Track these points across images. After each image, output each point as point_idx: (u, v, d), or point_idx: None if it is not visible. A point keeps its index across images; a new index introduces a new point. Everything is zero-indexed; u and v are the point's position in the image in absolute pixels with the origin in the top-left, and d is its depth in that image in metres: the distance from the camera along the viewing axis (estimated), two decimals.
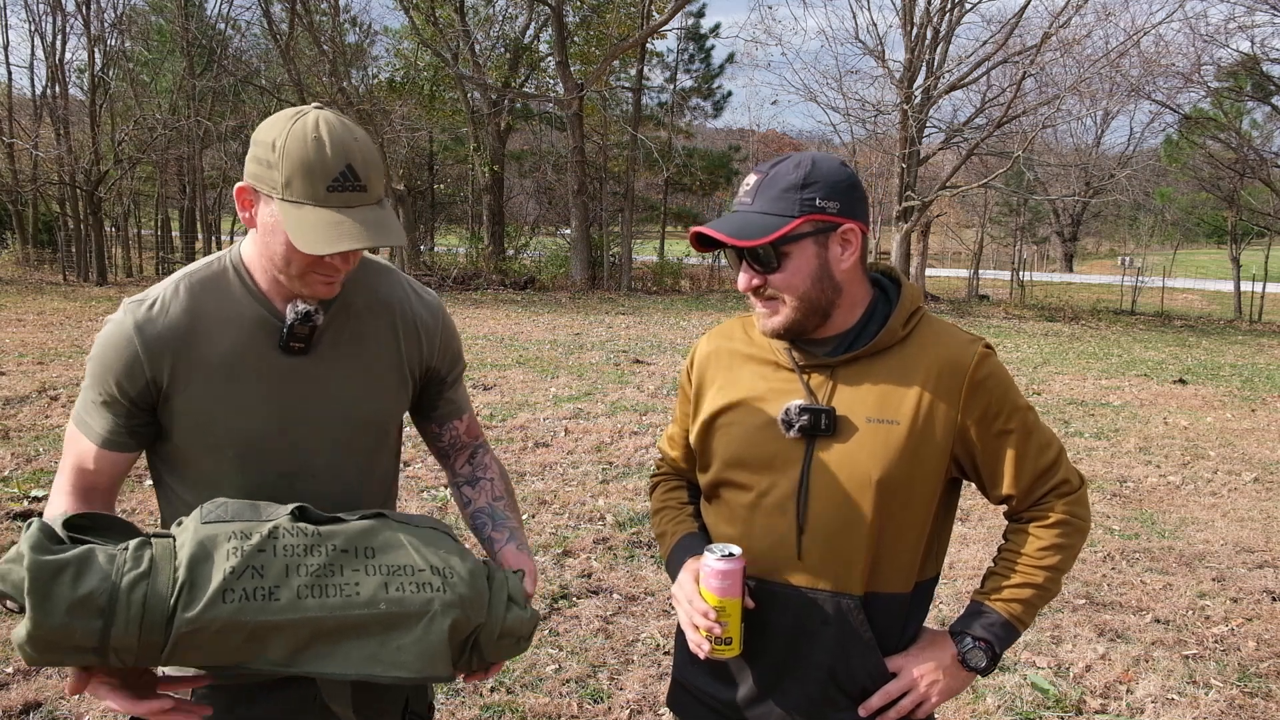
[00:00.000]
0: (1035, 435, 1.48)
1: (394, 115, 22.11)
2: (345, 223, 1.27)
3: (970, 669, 1.46)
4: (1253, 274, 25.08)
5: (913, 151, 20.07)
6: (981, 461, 1.47)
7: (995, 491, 1.49)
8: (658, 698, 3.27)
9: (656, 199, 29.81)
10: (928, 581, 1.53)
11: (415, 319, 1.53)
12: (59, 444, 6.20)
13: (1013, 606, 1.47)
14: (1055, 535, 1.47)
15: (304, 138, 1.27)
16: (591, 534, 4.93)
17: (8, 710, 3.04)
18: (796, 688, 1.49)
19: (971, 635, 1.46)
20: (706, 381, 1.59)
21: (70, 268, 22.38)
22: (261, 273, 1.41)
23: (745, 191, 1.44)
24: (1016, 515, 1.52)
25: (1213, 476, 6.70)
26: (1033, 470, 1.47)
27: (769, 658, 1.50)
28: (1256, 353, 15.28)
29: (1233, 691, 3.48)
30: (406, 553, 1.26)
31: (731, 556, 1.41)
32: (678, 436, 1.70)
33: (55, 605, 1.08)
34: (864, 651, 1.47)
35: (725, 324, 1.66)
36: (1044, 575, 1.47)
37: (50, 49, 22.94)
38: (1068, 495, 1.49)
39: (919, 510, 1.46)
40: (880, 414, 1.43)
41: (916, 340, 1.47)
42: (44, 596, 1.08)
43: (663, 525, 1.67)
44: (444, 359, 1.59)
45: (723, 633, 1.42)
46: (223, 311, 1.40)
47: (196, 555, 1.17)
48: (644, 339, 13.31)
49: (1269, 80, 23.10)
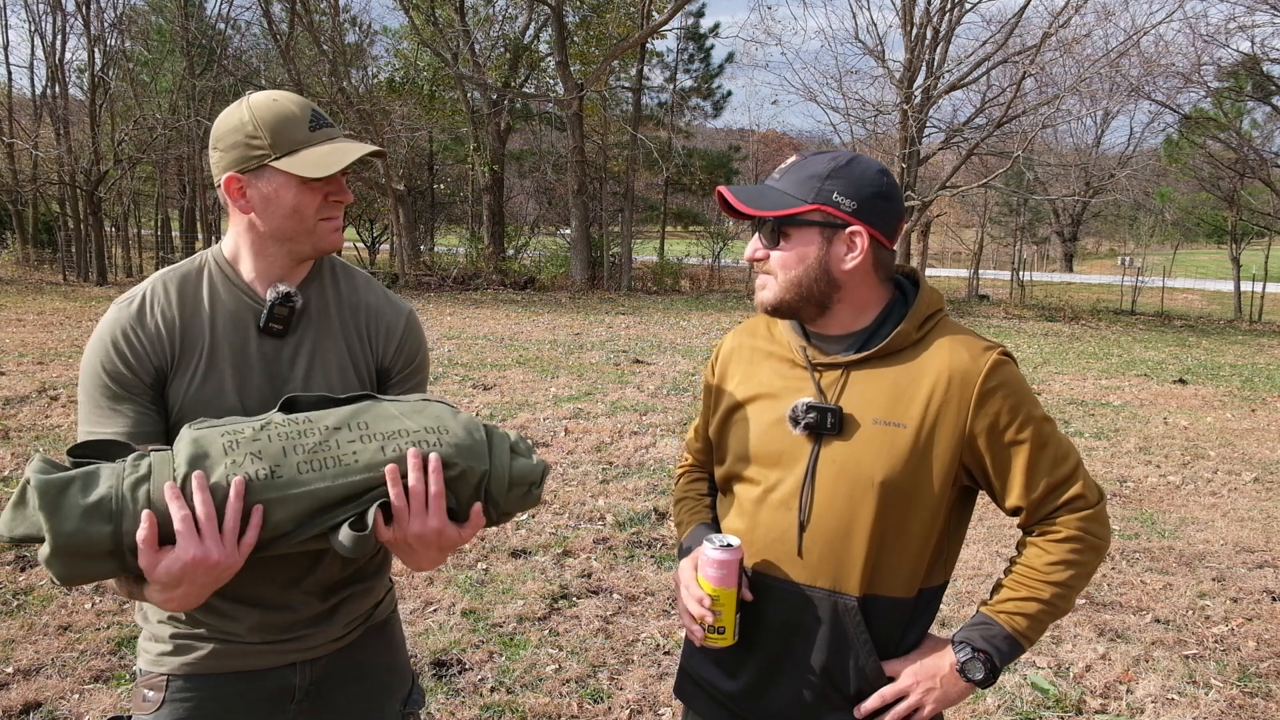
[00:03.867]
0: (1050, 447, 1.43)
1: (394, 115, 22.12)
2: (338, 145, 1.41)
3: (968, 680, 1.44)
4: (1253, 274, 25.08)
5: (913, 151, 20.06)
6: (991, 471, 1.44)
7: (1004, 503, 1.46)
8: (658, 698, 3.27)
9: (656, 199, 29.81)
10: (934, 589, 1.51)
11: (379, 319, 1.57)
12: (59, 444, 6.20)
13: (1016, 620, 1.44)
14: (1066, 551, 1.43)
15: (266, 105, 1.41)
16: (591, 534, 4.93)
17: (8, 710, 3.04)
18: (790, 684, 1.50)
19: (972, 646, 1.44)
20: (728, 376, 1.61)
21: (70, 268, 22.38)
22: (248, 261, 1.47)
23: (780, 169, 1.49)
24: (1027, 528, 1.49)
25: (1213, 476, 6.70)
26: (1045, 483, 1.43)
27: (765, 651, 1.51)
28: (1256, 353, 15.28)
29: (1233, 691, 3.48)
30: (400, 420, 1.28)
31: (729, 547, 1.42)
32: (701, 429, 1.73)
33: (68, 514, 1.12)
34: (859, 653, 1.46)
35: (750, 320, 1.67)
36: (1051, 591, 1.43)
37: (50, 49, 22.94)
38: (1082, 511, 1.44)
39: (924, 515, 1.44)
40: (888, 416, 1.43)
41: (931, 344, 1.45)
42: (56, 508, 1.12)
43: (680, 515, 1.71)
44: (397, 358, 1.58)
45: (715, 621, 1.44)
46: (208, 301, 1.45)
47: (194, 454, 1.19)
48: (644, 339, 13.31)
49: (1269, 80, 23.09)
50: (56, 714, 3.05)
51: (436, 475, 1.23)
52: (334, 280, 1.56)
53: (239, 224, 1.45)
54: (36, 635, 3.58)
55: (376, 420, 1.27)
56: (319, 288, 1.53)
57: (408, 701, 1.64)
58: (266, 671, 1.47)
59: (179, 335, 1.42)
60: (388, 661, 1.62)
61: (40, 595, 3.93)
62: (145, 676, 1.46)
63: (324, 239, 1.46)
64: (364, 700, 1.57)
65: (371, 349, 1.55)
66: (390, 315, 1.58)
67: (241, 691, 1.46)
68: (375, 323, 1.56)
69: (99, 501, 1.13)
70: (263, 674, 1.47)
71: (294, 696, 1.50)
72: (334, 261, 1.60)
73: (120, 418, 1.38)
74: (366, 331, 1.55)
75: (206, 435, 1.22)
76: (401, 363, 1.59)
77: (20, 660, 3.36)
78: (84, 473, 1.16)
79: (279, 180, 1.40)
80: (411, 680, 1.67)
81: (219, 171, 1.42)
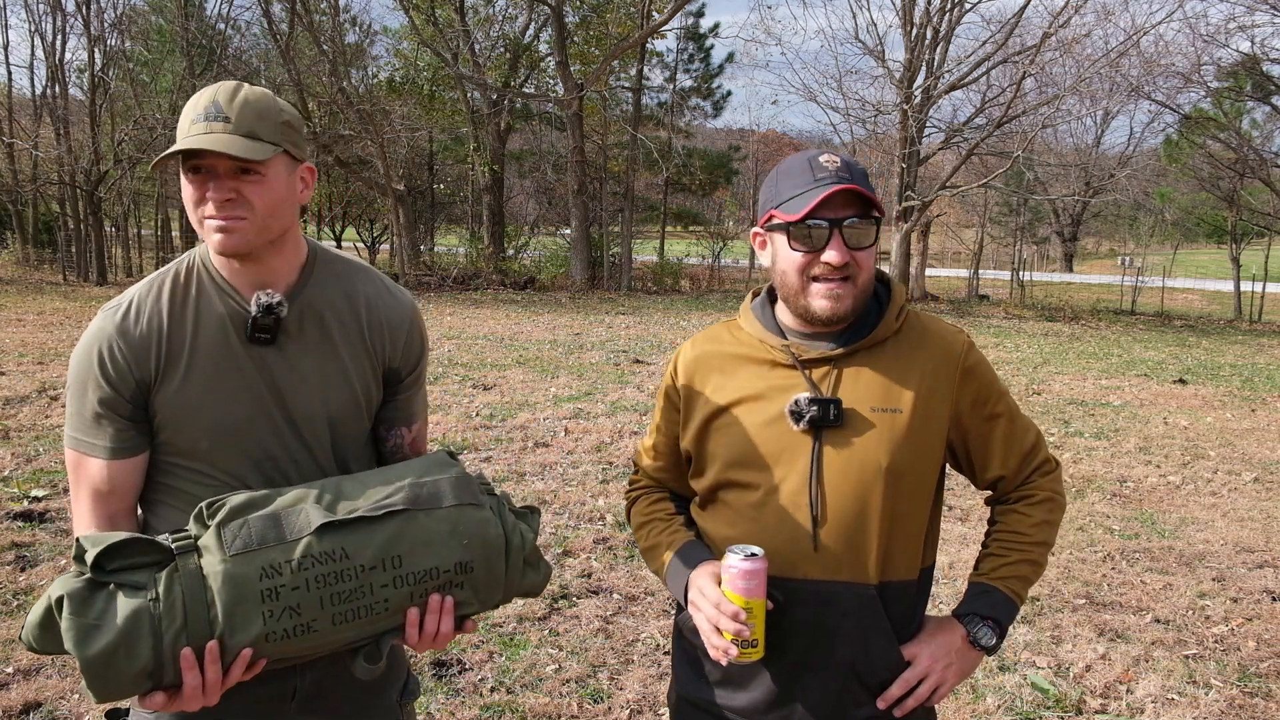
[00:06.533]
0: (1019, 418, 1.56)
1: (394, 115, 22.10)
2: (203, 137, 1.33)
3: (980, 648, 1.49)
4: (1253, 274, 25.07)
5: (913, 151, 20.06)
6: (973, 445, 1.54)
7: (986, 474, 1.55)
8: (658, 698, 3.27)
9: (656, 199, 29.80)
10: (929, 568, 1.57)
11: (383, 315, 1.54)
12: (59, 444, 6.19)
13: (1012, 584, 1.52)
14: (1045, 512, 1.54)
15: (192, 99, 1.39)
16: (591, 534, 4.93)
17: (8, 710, 3.04)
18: (818, 685, 1.48)
19: (979, 615, 1.49)
20: (696, 387, 1.58)
21: (70, 268, 22.38)
22: (225, 262, 1.45)
23: (831, 167, 1.44)
24: (1005, 496, 1.58)
25: (1213, 476, 6.70)
26: (1020, 451, 1.55)
27: (790, 656, 1.48)
28: (1256, 353, 15.28)
29: (1233, 691, 3.48)
30: (434, 553, 1.31)
31: (755, 556, 1.38)
32: (660, 446, 1.67)
33: (115, 683, 1.19)
34: (883, 642, 1.47)
35: (708, 330, 1.65)
36: (1038, 552, 1.53)
37: (50, 49, 22.95)
38: (1050, 474, 1.57)
39: (922, 496, 1.50)
40: (884, 403, 1.47)
41: (909, 333, 1.53)
42: (104, 681, 1.18)
43: (655, 538, 1.62)
44: (405, 360, 1.57)
45: (750, 634, 1.39)
46: (195, 307, 1.43)
47: (231, 599, 1.21)
48: (644, 339, 13.31)
49: (1269, 80, 23.08)
50: (56, 714, 3.05)
51: (449, 617, 1.33)
52: (329, 278, 1.52)
53: None
54: None
55: (412, 553, 1.30)
56: (314, 290, 1.49)
57: (404, 692, 1.65)
58: (269, 675, 1.47)
59: (165, 343, 1.40)
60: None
61: (40, 595, 3.92)
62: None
63: (209, 236, 1.38)
64: (362, 694, 1.58)
65: (377, 350, 1.53)
66: (394, 313, 1.55)
67: (244, 694, 1.46)
68: (377, 322, 1.53)
69: (142, 668, 1.19)
70: (265, 675, 1.46)
71: (294, 695, 1.50)
72: (325, 254, 1.55)
73: (106, 430, 1.39)
74: (369, 332, 1.52)
75: (244, 575, 1.22)
76: (410, 364, 1.58)
77: (20, 660, 3.36)
78: (123, 632, 1.17)
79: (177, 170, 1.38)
80: (406, 671, 1.68)
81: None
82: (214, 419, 1.40)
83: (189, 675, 1.21)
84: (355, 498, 1.32)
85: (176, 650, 1.20)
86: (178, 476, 1.44)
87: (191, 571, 1.22)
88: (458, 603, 1.34)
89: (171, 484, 1.44)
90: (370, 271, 1.59)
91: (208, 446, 1.41)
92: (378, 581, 1.27)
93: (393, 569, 1.29)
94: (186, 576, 1.21)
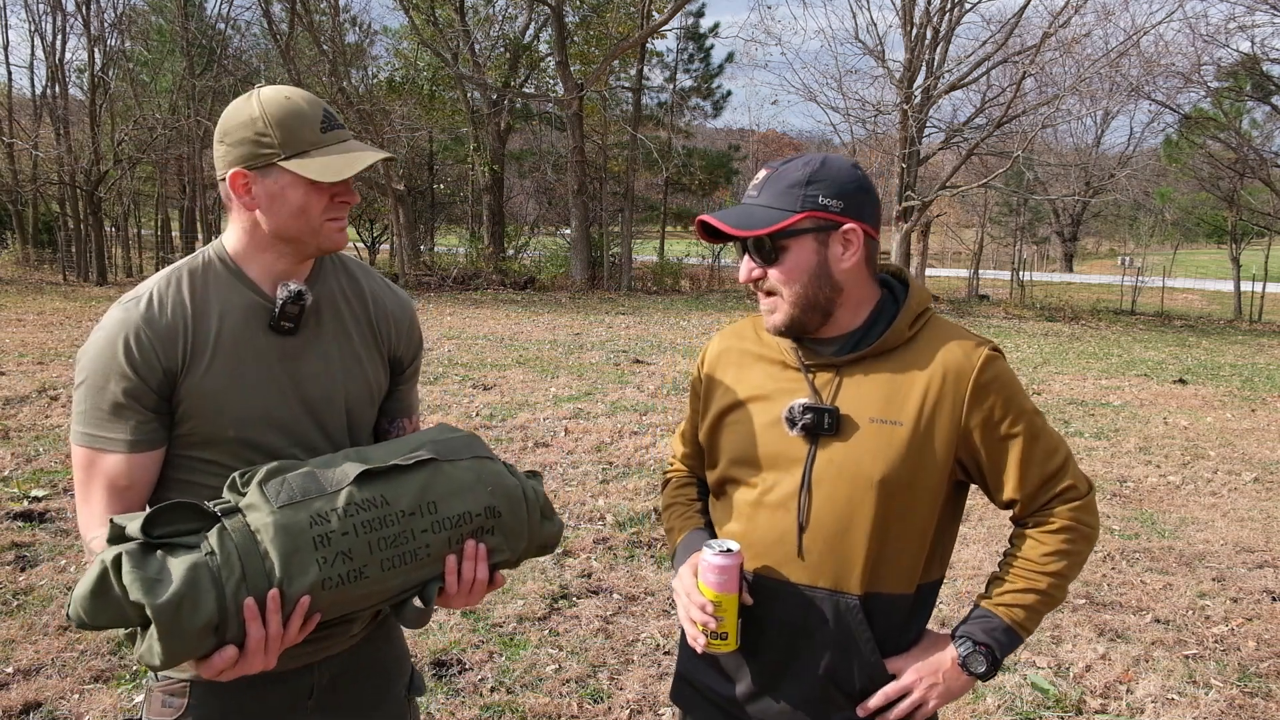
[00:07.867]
0: (1041, 440, 1.46)
1: (394, 115, 22.10)
2: (349, 148, 1.42)
3: (970, 674, 1.45)
4: (1253, 274, 25.07)
5: (913, 151, 20.06)
6: (986, 465, 1.46)
7: (999, 496, 1.48)
8: (658, 698, 3.27)
9: (656, 199, 29.80)
10: (931, 584, 1.53)
11: (386, 308, 1.61)
12: (59, 444, 6.20)
13: (1015, 612, 1.46)
14: (1060, 541, 1.46)
15: (278, 102, 1.39)
16: (591, 534, 4.93)
17: (8, 710, 3.04)
18: (794, 686, 1.50)
19: (973, 639, 1.45)
20: (716, 380, 1.60)
21: (70, 268, 22.37)
22: (252, 258, 1.46)
23: (754, 185, 1.48)
24: (1021, 520, 1.51)
25: (1213, 476, 6.70)
26: (1038, 475, 1.46)
27: (768, 655, 1.51)
28: (1256, 353, 15.28)
29: (1233, 691, 3.48)
30: (464, 499, 1.36)
31: (729, 552, 1.42)
32: (688, 434, 1.72)
33: (184, 637, 1.18)
34: (862, 652, 1.46)
35: (737, 324, 1.67)
36: (1048, 581, 1.45)
37: (50, 49, 22.95)
38: (1074, 501, 1.47)
39: (922, 511, 1.46)
40: (884, 414, 1.44)
41: (923, 341, 1.47)
42: (174, 635, 1.17)
43: (671, 521, 1.69)
44: (407, 349, 1.65)
45: (718, 627, 1.43)
46: (216, 298, 1.44)
47: (286, 548, 1.23)
48: (644, 339, 13.31)
49: (1269, 80, 23.09)
50: (56, 714, 3.05)
51: (484, 564, 1.38)
52: (338, 273, 1.57)
53: (242, 221, 1.44)
54: (36, 635, 3.57)
55: (445, 499, 1.35)
56: (326, 283, 1.54)
57: (410, 687, 1.68)
58: (287, 673, 1.47)
59: (191, 332, 1.40)
60: (393, 651, 1.66)
61: (40, 595, 3.93)
62: (165, 682, 1.46)
63: (328, 239, 1.46)
64: (373, 690, 1.61)
65: (383, 339, 1.59)
66: (396, 306, 1.63)
67: (263, 693, 1.47)
68: (384, 313, 1.60)
69: (209, 620, 1.19)
70: (284, 675, 1.47)
71: (311, 693, 1.52)
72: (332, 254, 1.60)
73: (125, 423, 1.37)
74: (376, 322, 1.58)
75: (295, 523, 1.24)
76: (410, 354, 1.65)
77: (20, 660, 3.36)
78: (186, 582, 1.17)
79: (286, 180, 1.38)
80: (411, 667, 1.72)
81: (224, 166, 1.40)
82: (240, 408, 1.41)
83: (253, 627, 1.21)
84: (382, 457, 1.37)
85: (239, 601, 1.20)
86: (194, 470, 1.43)
87: (240, 529, 1.23)
88: (490, 550, 1.39)
89: (186, 479, 1.44)
90: (370, 269, 1.66)
91: (233, 435, 1.42)
92: (418, 527, 1.31)
93: (429, 514, 1.33)
94: (237, 533, 1.23)
